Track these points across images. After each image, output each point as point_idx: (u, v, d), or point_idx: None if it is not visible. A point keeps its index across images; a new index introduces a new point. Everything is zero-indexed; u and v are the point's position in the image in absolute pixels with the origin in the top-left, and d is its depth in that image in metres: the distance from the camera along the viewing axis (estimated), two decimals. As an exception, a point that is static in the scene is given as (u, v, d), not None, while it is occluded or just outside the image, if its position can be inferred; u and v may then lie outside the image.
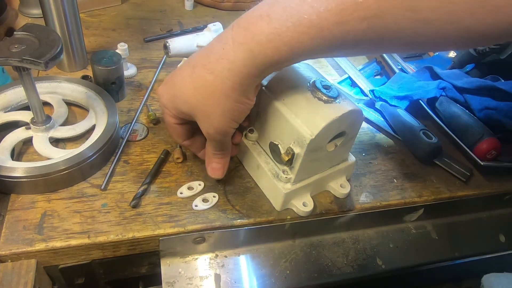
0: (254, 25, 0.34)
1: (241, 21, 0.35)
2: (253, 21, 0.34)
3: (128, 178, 0.48)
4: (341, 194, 0.50)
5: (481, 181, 0.57)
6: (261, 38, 0.33)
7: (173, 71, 0.42)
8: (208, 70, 0.37)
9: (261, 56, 0.34)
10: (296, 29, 0.32)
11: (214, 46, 0.37)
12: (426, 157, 0.56)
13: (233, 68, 0.35)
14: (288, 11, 0.32)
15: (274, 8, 0.33)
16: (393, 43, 0.34)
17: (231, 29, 0.36)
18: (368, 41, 0.33)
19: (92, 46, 0.67)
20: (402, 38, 0.33)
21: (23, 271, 0.39)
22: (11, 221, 0.42)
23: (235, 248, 0.48)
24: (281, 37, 0.33)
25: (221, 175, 0.46)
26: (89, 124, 0.51)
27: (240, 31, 0.35)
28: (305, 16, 0.32)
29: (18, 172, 0.43)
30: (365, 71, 0.72)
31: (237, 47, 0.35)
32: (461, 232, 0.58)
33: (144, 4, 0.81)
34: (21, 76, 0.42)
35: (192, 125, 0.43)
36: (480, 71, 0.70)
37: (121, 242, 0.43)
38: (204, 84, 0.37)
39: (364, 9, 0.31)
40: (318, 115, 0.40)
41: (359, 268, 0.50)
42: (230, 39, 0.35)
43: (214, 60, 0.36)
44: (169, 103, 0.41)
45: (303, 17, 0.32)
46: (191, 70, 0.38)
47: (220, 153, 0.44)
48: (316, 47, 0.33)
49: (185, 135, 0.45)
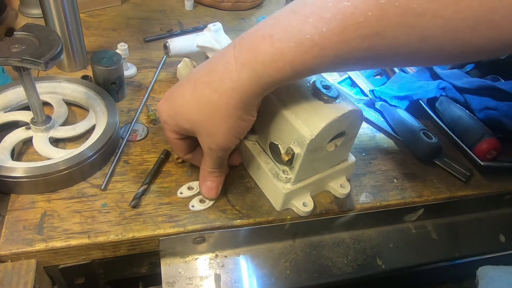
0: (256, 45, 0.34)
1: (243, 41, 0.35)
2: (255, 42, 0.34)
3: (128, 178, 0.48)
4: (341, 194, 0.50)
5: (481, 181, 0.57)
6: (264, 58, 0.33)
7: (173, 87, 0.42)
8: (212, 88, 0.37)
9: (264, 76, 0.34)
10: (299, 49, 0.32)
11: (216, 64, 0.37)
12: (426, 157, 0.56)
13: (237, 88, 0.35)
14: (290, 31, 0.32)
15: (276, 28, 0.33)
16: (395, 59, 0.35)
17: (233, 48, 0.36)
18: (370, 58, 0.33)
19: (92, 46, 0.67)
20: (403, 54, 0.33)
21: (23, 271, 0.39)
22: (11, 221, 0.42)
23: (235, 248, 0.48)
24: (284, 57, 0.33)
25: (215, 195, 0.46)
26: (89, 124, 0.51)
27: (243, 51, 0.35)
28: (307, 36, 0.32)
29: (18, 172, 0.43)
30: (365, 71, 0.72)
31: (240, 67, 0.35)
32: (461, 232, 0.58)
33: (144, 4, 0.81)
34: (21, 76, 0.42)
35: (193, 139, 0.43)
36: (480, 71, 0.70)
37: (121, 242, 0.43)
38: (207, 103, 0.37)
39: (365, 28, 0.31)
40: (318, 115, 0.40)
41: (359, 268, 0.50)
42: (232, 59, 0.35)
43: (217, 80, 0.36)
44: (170, 119, 0.41)
45: (305, 37, 0.32)
46: (192, 87, 0.38)
47: (217, 170, 0.44)
48: (319, 65, 0.34)
49: (186, 150, 0.45)
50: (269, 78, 0.34)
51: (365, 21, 0.30)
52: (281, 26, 0.33)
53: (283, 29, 0.33)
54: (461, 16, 0.29)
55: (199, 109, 0.38)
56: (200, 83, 0.38)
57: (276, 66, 0.33)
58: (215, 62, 0.38)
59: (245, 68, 0.35)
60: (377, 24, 0.30)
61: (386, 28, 0.31)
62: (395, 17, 0.30)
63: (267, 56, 0.33)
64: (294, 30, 0.32)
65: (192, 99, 0.38)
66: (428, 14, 0.29)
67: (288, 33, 0.32)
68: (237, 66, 0.35)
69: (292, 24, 0.33)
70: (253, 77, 0.35)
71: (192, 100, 0.38)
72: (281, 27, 0.33)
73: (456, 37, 0.30)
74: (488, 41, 0.30)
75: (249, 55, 0.34)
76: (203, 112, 0.38)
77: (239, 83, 0.35)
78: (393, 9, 0.30)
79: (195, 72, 0.40)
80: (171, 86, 0.62)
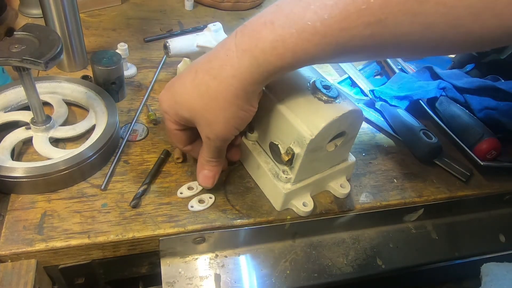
0: (258, 32, 0.34)
1: (245, 28, 0.35)
2: (257, 29, 0.34)
3: (128, 178, 0.48)
4: (341, 194, 0.50)
5: (481, 181, 0.57)
6: (265, 45, 0.33)
7: (175, 77, 0.41)
8: (211, 76, 0.36)
9: (265, 63, 0.34)
10: (300, 36, 0.32)
11: (218, 52, 0.37)
12: (426, 157, 0.56)
13: (237, 75, 0.35)
14: (292, 18, 0.32)
15: (278, 15, 0.33)
16: (397, 48, 0.34)
17: (235, 36, 0.36)
18: (372, 47, 0.33)
19: (92, 46, 0.67)
20: (406, 42, 0.33)
21: (23, 271, 0.39)
22: (11, 221, 0.42)
23: (235, 248, 0.48)
24: (285, 44, 0.33)
25: (211, 185, 0.46)
26: (89, 124, 0.51)
27: (244, 39, 0.35)
28: (308, 23, 0.32)
29: (18, 172, 0.43)
30: (365, 71, 0.72)
31: (241, 54, 0.35)
32: (461, 232, 0.58)
33: (144, 4, 0.81)
34: (21, 76, 0.42)
35: (193, 131, 0.43)
36: (480, 71, 0.70)
37: (121, 242, 0.43)
38: (207, 90, 0.37)
39: (368, 15, 0.31)
40: (318, 115, 0.40)
41: (359, 268, 0.50)
42: (233, 46, 0.35)
43: (217, 67, 0.36)
44: (170, 109, 0.41)
45: (307, 24, 0.32)
46: (193, 75, 0.38)
47: (215, 160, 0.44)
48: (320, 53, 0.33)
49: (186, 141, 0.45)
50: (269, 65, 0.34)
51: (367, 8, 0.30)
52: (283, 12, 0.33)
53: (285, 15, 0.33)
54: (464, 3, 0.29)
55: (199, 97, 0.38)
56: (200, 70, 0.37)
57: (277, 52, 0.33)
58: (216, 50, 0.37)
59: (246, 55, 0.34)
60: (379, 12, 0.30)
61: (388, 16, 0.30)
62: (397, 4, 0.30)
63: (268, 43, 0.33)
64: (296, 16, 0.32)
65: (192, 87, 0.38)
66: (431, 1, 0.29)
67: (289, 19, 0.32)
68: (238, 53, 0.35)
69: (294, 10, 0.32)
70: (254, 65, 0.34)
71: (192, 88, 0.38)
72: (283, 13, 0.33)
73: (459, 25, 0.30)
74: (490, 29, 0.30)
75: (250, 42, 0.34)
76: (203, 101, 0.37)
77: (240, 71, 0.35)
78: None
79: (197, 61, 0.39)
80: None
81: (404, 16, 0.30)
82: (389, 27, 0.31)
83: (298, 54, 0.33)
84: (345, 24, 0.31)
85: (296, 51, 0.33)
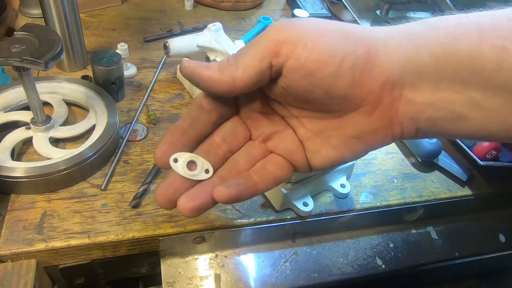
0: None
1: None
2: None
3: (128, 178, 0.48)
4: (341, 194, 0.50)
5: (481, 181, 0.57)
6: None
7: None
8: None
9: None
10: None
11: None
12: (426, 157, 0.56)
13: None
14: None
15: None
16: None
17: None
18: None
19: (92, 46, 0.67)
20: None
21: (23, 271, 0.39)
22: (11, 221, 0.42)
23: (235, 248, 0.48)
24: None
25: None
26: (89, 124, 0.51)
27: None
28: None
29: (18, 172, 0.43)
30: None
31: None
32: (461, 232, 0.58)
33: (144, 4, 0.81)
34: (21, 76, 0.42)
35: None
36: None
37: (121, 242, 0.43)
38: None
39: None
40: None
41: (359, 268, 0.50)
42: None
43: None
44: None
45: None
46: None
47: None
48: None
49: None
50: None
51: None
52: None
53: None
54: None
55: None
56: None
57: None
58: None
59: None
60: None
61: None
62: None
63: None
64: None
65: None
66: None
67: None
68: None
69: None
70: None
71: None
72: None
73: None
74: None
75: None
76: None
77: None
78: None
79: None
80: (171, 86, 0.62)
81: None
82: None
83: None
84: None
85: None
